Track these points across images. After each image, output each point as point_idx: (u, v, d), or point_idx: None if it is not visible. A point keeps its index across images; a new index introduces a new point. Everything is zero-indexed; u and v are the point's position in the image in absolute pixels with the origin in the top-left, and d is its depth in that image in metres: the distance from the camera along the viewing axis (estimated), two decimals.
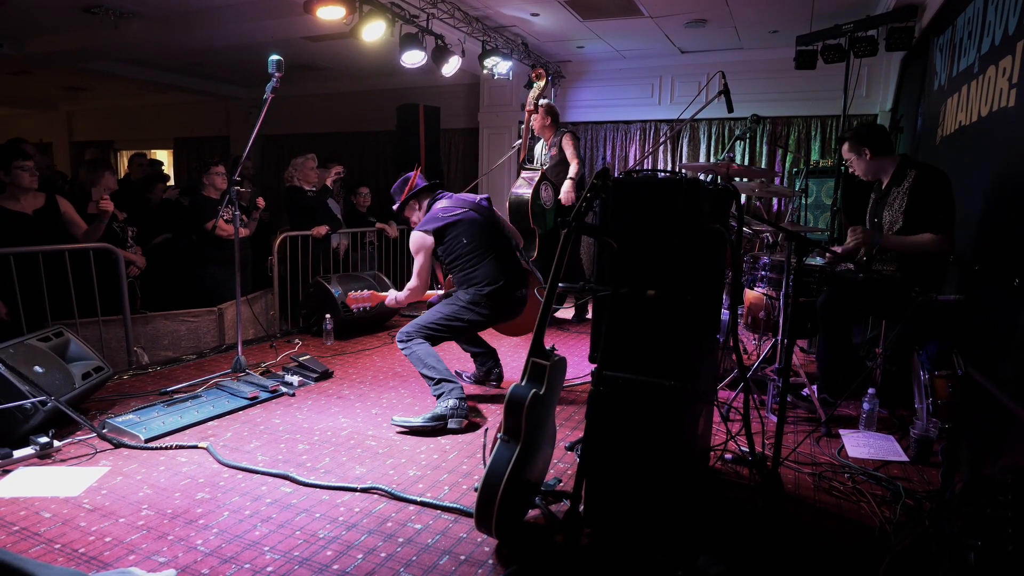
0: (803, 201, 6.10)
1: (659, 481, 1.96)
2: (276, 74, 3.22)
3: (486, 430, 2.73)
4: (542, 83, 5.35)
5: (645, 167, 7.37)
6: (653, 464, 1.96)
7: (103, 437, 2.74)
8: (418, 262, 3.33)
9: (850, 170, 3.44)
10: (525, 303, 3.47)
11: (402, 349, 3.22)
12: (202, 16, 5.70)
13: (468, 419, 3.00)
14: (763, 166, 7.11)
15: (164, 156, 10.91)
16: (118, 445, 2.70)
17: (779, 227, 2.43)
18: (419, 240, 3.32)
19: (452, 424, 2.93)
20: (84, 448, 2.68)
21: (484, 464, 1.92)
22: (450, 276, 3.50)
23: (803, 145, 7.01)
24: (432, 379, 3.08)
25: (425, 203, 3.48)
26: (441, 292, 3.64)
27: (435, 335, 3.27)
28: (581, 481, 1.88)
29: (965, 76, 3.72)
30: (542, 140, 5.40)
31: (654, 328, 2.00)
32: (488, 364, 3.68)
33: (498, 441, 1.91)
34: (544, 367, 1.93)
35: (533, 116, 5.28)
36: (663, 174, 1.99)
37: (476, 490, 1.90)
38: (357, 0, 4.30)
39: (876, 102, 6.60)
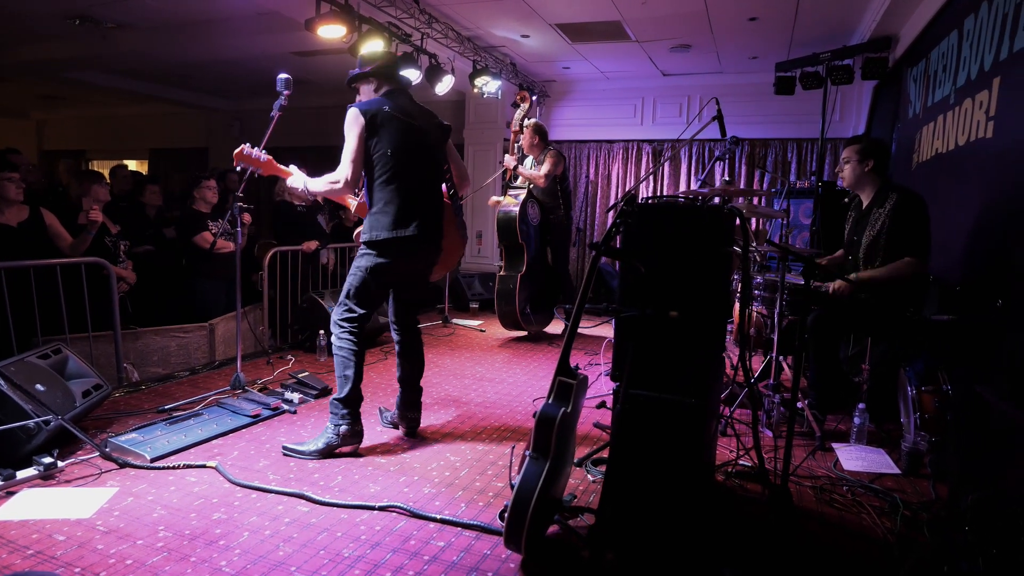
0: (783, 221, 6.29)
1: (681, 496, 2.02)
2: (284, 92, 3.24)
3: (512, 448, 2.76)
4: (527, 105, 5.50)
5: (633, 187, 7.52)
6: (675, 479, 2.02)
7: (107, 457, 2.69)
8: (347, 147, 2.84)
9: (839, 172, 3.50)
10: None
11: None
12: (195, 29, 5.68)
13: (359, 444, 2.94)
14: (742, 187, 7.34)
15: (138, 167, 10.71)
16: (124, 465, 2.66)
17: (790, 249, 2.55)
18: (352, 117, 2.83)
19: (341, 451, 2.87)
20: (88, 468, 2.63)
21: (511, 482, 1.96)
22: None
23: (780, 166, 7.26)
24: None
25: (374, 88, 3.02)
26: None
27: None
28: (607, 497, 1.93)
29: (941, 107, 3.93)
30: (530, 157, 5.51)
31: (674, 347, 2.07)
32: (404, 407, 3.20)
33: (526, 459, 1.96)
34: (571, 386, 1.98)
35: (520, 136, 5.41)
36: (682, 199, 2.08)
37: (506, 507, 1.93)
38: (357, 20, 4.34)
39: (849, 126, 6.88)
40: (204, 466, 2.68)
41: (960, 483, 2.04)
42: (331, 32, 4.21)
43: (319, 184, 2.97)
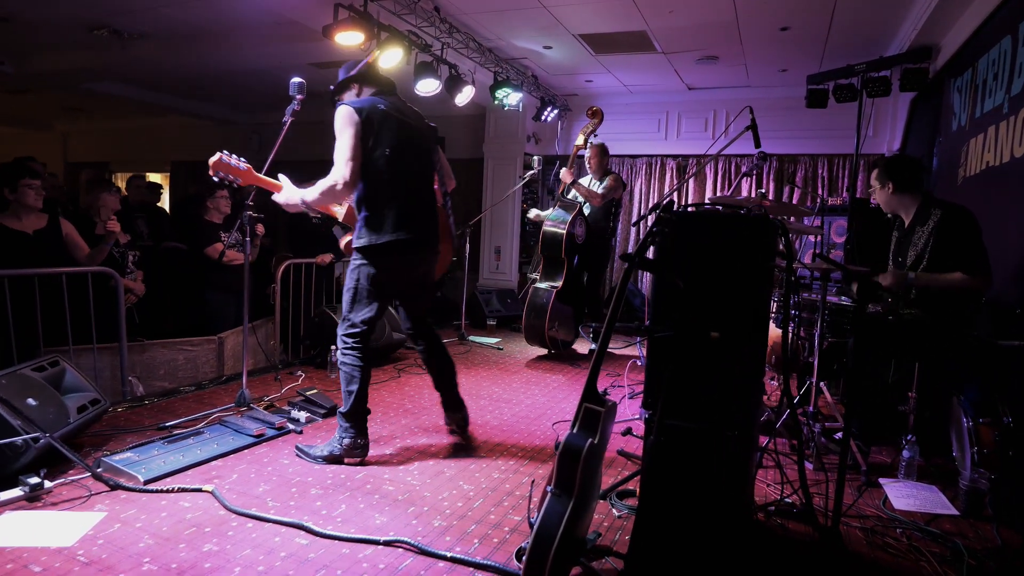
0: (815, 239, 6.04)
1: (721, 538, 1.79)
2: (297, 96, 3.13)
3: (533, 481, 2.54)
4: (597, 120, 5.36)
5: (667, 195, 7.32)
6: (714, 519, 1.79)
7: (98, 478, 2.52)
8: (342, 146, 2.68)
9: (872, 199, 3.41)
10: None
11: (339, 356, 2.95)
12: (214, 38, 5.63)
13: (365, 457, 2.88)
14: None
15: (159, 179, 10.76)
16: (115, 487, 2.49)
17: (843, 267, 2.32)
18: (346, 115, 2.69)
19: (348, 461, 2.84)
20: (78, 490, 2.46)
21: (529, 520, 1.75)
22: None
23: (810, 182, 7.00)
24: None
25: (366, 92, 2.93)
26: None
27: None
28: (637, 537, 1.71)
29: (992, 117, 3.69)
30: (591, 176, 5.49)
31: (712, 372, 1.86)
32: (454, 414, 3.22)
33: (548, 495, 1.75)
34: (598, 414, 1.77)
35: (583, 150, 5.36)
36: (720, 207, 1.87)
37: (524, 547, 1.72)
38: (376, 27, 4.23)
39: (883, 141, 6.63)
40: (200, 490, 2.50)
41: None
42: (349, 39, 4.10)
43: (314, 193, 2.77)
